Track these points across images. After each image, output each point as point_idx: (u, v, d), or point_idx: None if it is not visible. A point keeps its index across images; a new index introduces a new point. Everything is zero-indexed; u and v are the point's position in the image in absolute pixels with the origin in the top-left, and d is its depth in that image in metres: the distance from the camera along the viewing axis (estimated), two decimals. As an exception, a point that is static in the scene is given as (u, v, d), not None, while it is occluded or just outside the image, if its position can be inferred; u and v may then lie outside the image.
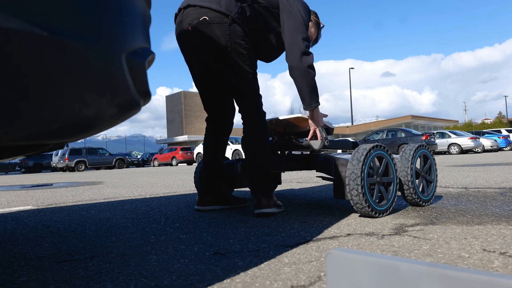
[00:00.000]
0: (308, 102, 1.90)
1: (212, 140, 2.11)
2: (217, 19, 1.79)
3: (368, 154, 1.64)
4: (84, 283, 0.94)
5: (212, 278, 0.94)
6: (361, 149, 1.67)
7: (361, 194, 1.58)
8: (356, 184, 1.58)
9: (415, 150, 1.88)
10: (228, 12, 1.79)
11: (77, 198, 3.32)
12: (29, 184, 6.63)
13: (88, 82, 0.66)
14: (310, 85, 1.87)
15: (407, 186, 1.82)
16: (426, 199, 1.91)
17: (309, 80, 1.85)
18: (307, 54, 1.83)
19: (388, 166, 1.75)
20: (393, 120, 46.05)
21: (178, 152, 23.24)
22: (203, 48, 1.88)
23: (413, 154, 1.86)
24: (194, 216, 1.96)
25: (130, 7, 0.78)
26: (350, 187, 1.60)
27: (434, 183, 2.00)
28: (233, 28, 1.79)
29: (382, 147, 1.73)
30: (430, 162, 2.00)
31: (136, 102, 0.78)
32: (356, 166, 1.60)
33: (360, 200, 1.59)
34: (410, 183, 1.81)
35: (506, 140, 21.69)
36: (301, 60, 1.82)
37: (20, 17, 0.56)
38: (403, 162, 1.84)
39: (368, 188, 1.61)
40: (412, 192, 1.83)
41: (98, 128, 0.72)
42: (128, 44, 0.75)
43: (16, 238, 1.58)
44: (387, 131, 17.59)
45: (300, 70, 1.83)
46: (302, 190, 3.10)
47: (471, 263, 0.97)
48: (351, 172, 1.60)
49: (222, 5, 1.80)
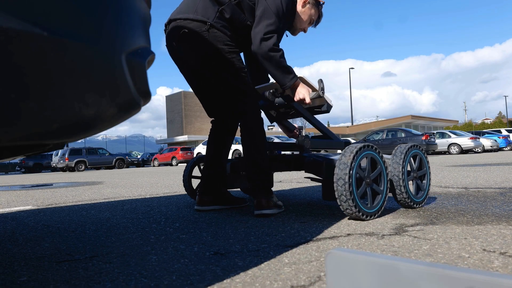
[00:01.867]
0: (283, 82, 1.88)
1: (213, 140, 2.12)
2: (196, 28, 1.80)
3: (355, 156, 1.58)
4: (84, 283, 0.94)
5: (212, 278, 0.94)
6: (348, 151, 1.62)
7: (350, 199, 1.54)
8: (345, 189, 1.54)
9: (407, 150, 1.83)
10: (205, 18, 1.80)
11: (77, 198, 3.32)
12: (29, 184, 6.63)
13: (88, 82, 0.66)
14: (279, 67, 1.84)
15: (398, 187, 1.77)
16: (418, 201, 1.86)
17: (275, 63, 1.83)
18: (266, 40, 1.80)
19: (377, 166, 1.70)
20: (393, 120, 46.06)
21: (178, 152, 23.24)
22: (189, 59, 1.92)
23: (404, 154, 1.81)
24: (194, 216, 1.96)
25: (130, 7, 0.78)
26: (339, 192, 1.56)
27: (427, 184, 1.94)
28: (212, 34, 1.80)
29: (371, 147, 1.67)
30: (423, 163, 1.95)
31: (136, 102, 0.78)
32: (343, 171, 1.55)
33: (349, 205, 1.55)
34: (401, 185, 1.76)
35: (506, 140, 21.68)
36: (260, 46, 1.80)
37: (20, 17, 0.56)
38: (395, 163, 1.79)
39: (356, 191, 1.57)
40: (404, 194, 1.78)
41: (98, 128, 0.72)
42: (128, 44, 0.75)
43: (16, 238, 1.58)
44: (387, 131, 17.60)
45: (262, 55, 1.80)
46: (302, 190, 3.10)
47: (471, 263, 0.97)
48: (338, 178, 1.56)
49: (198, 13, 1.82)
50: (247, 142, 1.90)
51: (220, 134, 2.12)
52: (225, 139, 2.13)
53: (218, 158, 2.12)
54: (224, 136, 2.12)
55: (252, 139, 1.89)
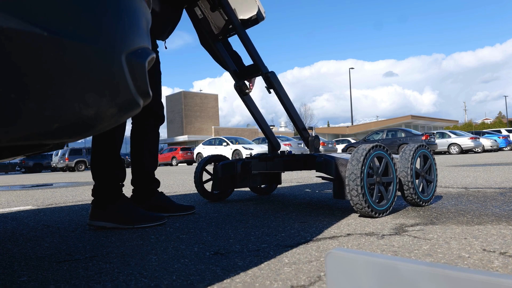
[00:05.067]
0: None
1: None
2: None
3: (367, 154, 1.64)
4: (84, 283, 0.94)
5: (212, 278, 0.94)
6: (360, 149, 1.67)
7: (361, 194, 1.58)
8: (356, 184, 1.58)
9: (415, 150, 1.88)
10: None
11: (77, 198, 3.32)
12: (29, 184, 6.63)
13: (88, 82, 0.66)
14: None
15: (407, 186, 1.82)
16: (426, 199, 1.91)
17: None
18: None
19: (388, 166, 1.75)
20: (393, 120, 46.08)
21: (178, 152, 23.24)
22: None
23: (413, 154, 1.85)
24: (194, 216, 1.96)
25: (130, 7, 0.78)
26: (350, 187, 1.60)
27: (434, 183, 1.99)
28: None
29: (382, 147, 1.73)
30: (430, 162, 2.00)
31: (136, 102, 0.77)
32: (355, 166, 1.60)
33: (359, 200, 1.59)
34: (410, 183, 1.81)
35: (506, 140, 21.69)
36: None
37: (20, 17, 0.55)
38: (403, 162, 1.84)
39: (367, 188, 1.61)
40: (412, 192, 1.82)
41: (98, 128, 0.72)
42: (128, 44, 0.75)
43: (16, 238, 1.58)
44: (387, 131, 17.61)
45: None
46: (302, 190, 3.10)
47: (471, 263, 0.97)
48: (350, 173, 1.60)
49: None
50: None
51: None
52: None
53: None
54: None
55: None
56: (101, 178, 1.69)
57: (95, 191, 1.70)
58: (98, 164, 1.70)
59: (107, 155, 1.71)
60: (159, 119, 2.04)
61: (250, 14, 2.11)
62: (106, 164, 1.70)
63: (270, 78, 2.10)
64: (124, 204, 1.71)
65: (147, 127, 2.01)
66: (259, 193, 2.86)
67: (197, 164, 2.67)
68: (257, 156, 2.38)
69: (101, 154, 1.70)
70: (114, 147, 1.71)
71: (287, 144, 17.11)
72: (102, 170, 1.69)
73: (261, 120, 2.41)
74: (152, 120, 2.00)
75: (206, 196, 2.57)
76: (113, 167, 1.71)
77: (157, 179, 2.07)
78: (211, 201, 2.58)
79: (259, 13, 2.09)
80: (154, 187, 2.04)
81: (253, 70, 2.17)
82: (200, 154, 19.31)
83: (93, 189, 1.71)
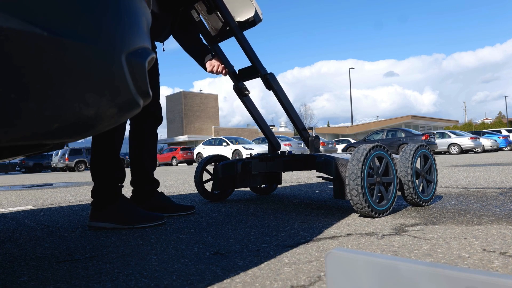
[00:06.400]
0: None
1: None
2: None
3: (368, 154, 1.64)
4: (84, 283, 0.94)
5: (212, 278, 0.94)
6: (361, 149, 1.67)
7: (361, 194, 1.58)
8: (356, 184, 1.58)
9: (415, 150, 1.88)
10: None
11: (77, 198, 3.32)
12: (29, 184, 6.63)
13: (88, 82, 0.66)
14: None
15: (407, 186, 1.82)
16: (426, 199, 1.91)
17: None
18: None
19: (388, 166, 1.75)
20: (393, 120, 46.08)
21: (178, 152, 23.24)
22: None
23: (413, 154, 1.85)
24: (194, 216, 1.96)
25: (130, 7, 0.78)
26: (350, 187, 1.60)
27: (434, 183, 1.99)
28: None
29: (382, 147, 1.73)
30: (430, 162, 2.00)
31: (136, 102, 0.77)
32: (356, 166, 1.60)
33: (360, 200, 1.59)
34: (410, 183, 1.81)
35: (506, 140, 21.69)
36: None
37: (20, 17, 0.55)
38: (403, 162, 1.84)
39: (368, 188, 1.61)
40: (412, 192, 1.82)
41: (98, 128, 0.72)
42: (128, 44, 0.75)
43: (16, 238, 1.58)
44: (387, 131, 17.61)
45: None
46: (302, 190, 3.10)
47: (471, 263, 0.97)
48: (351, 172, 1.60)
49: None
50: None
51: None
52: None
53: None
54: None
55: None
56: (100, 178, 1.70)
57: (94, 192, 1.70)
58: (98, 164, 1.70)
59: (107, 155, 1.71)
60: (157, 120, 2.04)
61: (247, 16, 2.11)
62: (106, 165, 1.70)
63: (269, 80, 2.10)
64: (124, 204, 1.71)
65: (145, 128, 2.01)
66: (259, 193, 2.86)
67: (197, 164, 2.67)
68: (257, 156, 2.38)
69: (100, 154, 1.70)
70: (114, 148, 1.71)
71: (287, 144, 17.11)
72: (102, 171, 1.70)
73: (260, 121, 2.41)
74: (150, 120, 2.01)
75: (206, 196, 2.57)
76: (113, 168, 1.71)
77: (156, 179, 2.07)
78: (211, 201, 2.58)
79: (256, 15, 2.09)
80: (153, 187, 2.04)
81: (252, 71, 2.18)
82: (200, 154, 19.31)
83: (92, 190, 1.71)
